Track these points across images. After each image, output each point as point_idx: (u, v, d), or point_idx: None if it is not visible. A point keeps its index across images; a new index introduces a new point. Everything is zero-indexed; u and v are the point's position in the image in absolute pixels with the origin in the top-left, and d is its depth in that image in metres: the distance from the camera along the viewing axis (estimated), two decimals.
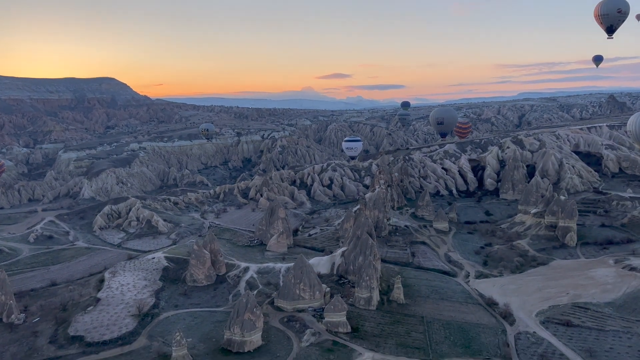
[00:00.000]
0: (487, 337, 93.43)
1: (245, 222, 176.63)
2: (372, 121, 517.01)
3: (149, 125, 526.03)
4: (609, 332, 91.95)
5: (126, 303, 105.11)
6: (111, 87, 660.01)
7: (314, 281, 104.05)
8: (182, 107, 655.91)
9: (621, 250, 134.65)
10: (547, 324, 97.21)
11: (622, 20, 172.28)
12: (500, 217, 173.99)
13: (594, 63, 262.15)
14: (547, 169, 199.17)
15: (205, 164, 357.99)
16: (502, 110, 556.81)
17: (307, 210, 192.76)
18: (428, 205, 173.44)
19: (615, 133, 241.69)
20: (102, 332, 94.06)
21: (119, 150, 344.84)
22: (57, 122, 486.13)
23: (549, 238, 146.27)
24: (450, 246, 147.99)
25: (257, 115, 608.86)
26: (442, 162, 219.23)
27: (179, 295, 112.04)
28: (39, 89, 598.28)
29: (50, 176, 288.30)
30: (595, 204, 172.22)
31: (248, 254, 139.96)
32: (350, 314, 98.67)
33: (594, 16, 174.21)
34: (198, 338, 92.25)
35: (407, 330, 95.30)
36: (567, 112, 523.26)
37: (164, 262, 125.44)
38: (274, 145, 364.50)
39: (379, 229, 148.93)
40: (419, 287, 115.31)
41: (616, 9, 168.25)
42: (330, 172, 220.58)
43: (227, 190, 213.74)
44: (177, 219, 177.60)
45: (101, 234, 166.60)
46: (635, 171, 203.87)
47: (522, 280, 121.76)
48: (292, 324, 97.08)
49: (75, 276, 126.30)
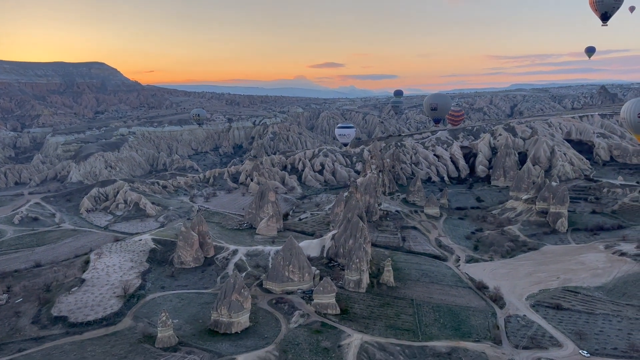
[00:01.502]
0: (477, 319, 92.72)
1: (235, 206, 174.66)
2: (365, 109, 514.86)
3: (139, 110, 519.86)
4: (599, 316, 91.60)
5: (112, 284, 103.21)
6: (101, 72, 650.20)
7: (303, 263, 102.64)
8: (173, 93, 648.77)
9: (611, 236, 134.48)
10: (537, 307, 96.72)
11: (617, 8, 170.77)
12: (492, 203, 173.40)
13: (586, 54, 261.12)
14: (539, 156, 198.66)
15: (195, 149, 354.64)
16: (495, 100, 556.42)
17: (297, 195, 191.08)
18: (419, 190, 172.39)
19: (606, 122, 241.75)
20: (86, 312, 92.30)
21: (108, 134, 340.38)
22: (46, 106, 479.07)
23: (539, 224, 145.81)
24: (441, 231, 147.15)
25: (248, 102, 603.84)
26: (434, 149, 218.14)
27: (166, 277, 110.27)
28: (28, 73, 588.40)
29: (37, 159, 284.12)
30: (586, 191, 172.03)
31: (237, 237, 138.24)
32: (340, 296, 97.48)
33: (589, 3, 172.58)
34: (184, 319, 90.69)
35: (397, 312, 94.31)
36: (559, 103, 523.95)
37: (151, 244, 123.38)
38: (266, 132, 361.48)
39: (370, 214, 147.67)
40: (409, 271, 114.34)
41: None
42: (322, 158, 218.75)
43: (217, 174, 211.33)
44: (165, 202, 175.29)
45: (88, 216, 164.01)
46: (626, 159, 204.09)
47: (512, 264, 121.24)
48: (280, 305, 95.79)
49: (60, 258, 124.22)
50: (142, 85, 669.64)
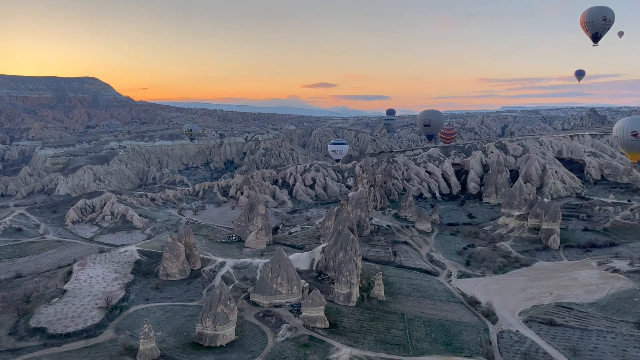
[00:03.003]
0: (469, 335, 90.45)
1: (224, 220, 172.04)
2: (357, 127, 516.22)
3: (131, 125, 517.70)
4: (593, 332, 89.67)
5: (94, 295, 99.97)
6: (93, 86, 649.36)
7: (292, 275, 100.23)
8: (165, 109, 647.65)
9: (604, 253, 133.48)
10: (530, 323, 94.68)
11: (607, 28, 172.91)
12: (483, 220, 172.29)
13: (576, 77, 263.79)
14: (531, 173, 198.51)
15: (186, 164, 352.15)
16: (486, 121, 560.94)
17: (288, 209, 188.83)
18: (411, 206, 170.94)
19: (597, 141, 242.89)
20: (66, 324, 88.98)
21: (98, 148, 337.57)
22: (36, 120, 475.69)
23: (532, 240, 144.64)
24: (432, 246, 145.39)
25: (241, 119, 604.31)
26: (426, 165, 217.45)
27: (151, 289, 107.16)
28: (19, 87, 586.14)
29: (24, 172, 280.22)
30: (578, 208, 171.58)
31: (225, 250, 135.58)
32: (329, 310, 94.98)
33: (580, 23, 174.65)
34: (168, 332, 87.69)
35: (387, 326, 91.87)
36: (549, 124, 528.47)
37: (136, 255, 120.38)
38: (257, 148, 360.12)
39: (361, 228, 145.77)
40: (400, 285, 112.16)
41: (601, 17, 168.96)
42: (313, 172, 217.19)
43: (206, 188, 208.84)
44: (153, 215, 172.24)
45: (73, 228, 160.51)
46: (617, 178, 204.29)
47: (504, 280, 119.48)
48: (267, 319, 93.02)
49: (43, 269, 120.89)
50: (134, 101, 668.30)
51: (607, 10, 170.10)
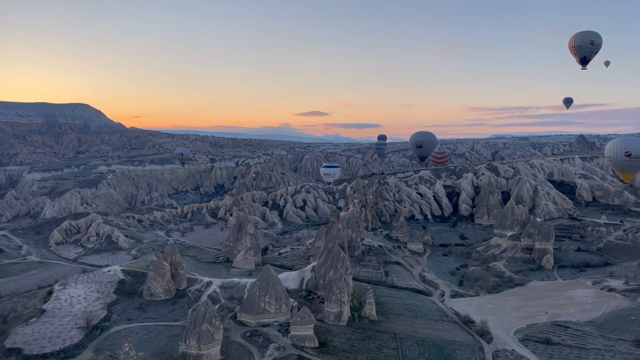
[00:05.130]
0: (464, 354, 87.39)
1: (212, 241, 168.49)
2: (348, 153, 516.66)
3: (121, 151, 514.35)
4: (591, 350, 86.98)
5: (74, 315, 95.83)
6: (84, 113, 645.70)
7: (280, 293, 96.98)
8: (157, 135, 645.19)
9: (598, 272, 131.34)
10: (526, 341, 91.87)
11: (595, 52, 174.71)
12: (476, 241, 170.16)
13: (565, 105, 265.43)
14: (522, 195, 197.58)
15: (176, 189, 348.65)
16: (476, 147, 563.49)
17: (278, 230, 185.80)
18: (403, 226, 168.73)
19: (587, 164, 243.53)
20: (43, 344, 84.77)
21: (87, 172, 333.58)
22: (25, 145, 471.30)
23: (525, 260, 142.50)
24: (425, 267, 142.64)
25: (232, 144, 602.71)
26: (417, 187, 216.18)
27: (134, 309, 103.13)
28: (9, 112, 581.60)
29: (11, 195, 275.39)
30: (571, 229, 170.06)
31: (212, 270, 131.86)
32: (319, 329, 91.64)
33: (568, 47, 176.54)
34: (150, 352, 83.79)
35: (379, 346, 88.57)
36: (539, 150, 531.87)
37: (120, 275, 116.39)
38: (248, 172, 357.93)
39: (352, 248, 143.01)
40: (392, 305, 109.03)
41: (589, 41, 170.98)
42: (304, 194, 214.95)
43: (195, 209, 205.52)
44: (139, 236, 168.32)
45: (57, 249, 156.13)
46: (608, 200, 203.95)
47: (499, 299, 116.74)
48: (255, 338, 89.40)
49: (22, 289, 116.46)
50: (125, 127, 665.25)
51: (595, 35, 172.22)
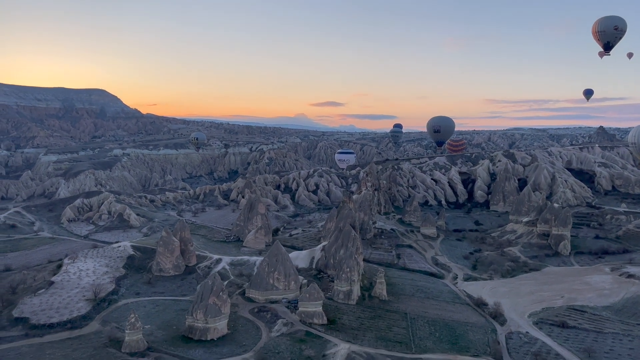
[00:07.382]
0: (476, 335, 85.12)
1: (223, 222, 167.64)
2: (363, 141, 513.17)
3: (137, 136, 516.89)
4: (608, 334, 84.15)
5: (82, 287, 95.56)
6: (101, 98, 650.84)
7: (289, 270, 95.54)
8: (172, 121, 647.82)
9: (617, 259, 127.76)
10: (541, 324, 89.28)
11: (619, 38, 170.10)
12: (490, 227, 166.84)
13: (585, 96, 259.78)
14: (540, 182, 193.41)
15: (190, 173, 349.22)
16: (493, 138, 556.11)
17: (290, 213, 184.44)
18: (416, 211, 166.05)
19: (607, 153, 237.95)
20: (50, 314, 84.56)
21: (102, 155, 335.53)
22: (42, 128, 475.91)
23: (541, 246, 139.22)
24: (437, 250, 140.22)
25: (247, 132, 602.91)
26: (432, 173, 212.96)
27: (142, 284, 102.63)
28: (27, 97, 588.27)
29: (26, 176, 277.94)
30: (589, 217, 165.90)
31: (222, 248, 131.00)
32: (328, 307, 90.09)
33: (592, 32, 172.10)
34: (157, 325, 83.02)
35: (389, 324, 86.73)
36: (557, 142, 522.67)
37: (129, 250, 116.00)
38: (262, 157, 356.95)
39: (364, 231, 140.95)
40: (403, 286, 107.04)
41: (613, 26, 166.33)
42: (317, 178, 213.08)
43: (207, 191, 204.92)
44: (151, 215, 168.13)
45: (68, 226, 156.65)
46: (628, 189, 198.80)
47: (513, 283, 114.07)
48: (262, 314, 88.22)
49: (33, 263, 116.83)
50: (141, 113, 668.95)
51: (619, 20, 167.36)
